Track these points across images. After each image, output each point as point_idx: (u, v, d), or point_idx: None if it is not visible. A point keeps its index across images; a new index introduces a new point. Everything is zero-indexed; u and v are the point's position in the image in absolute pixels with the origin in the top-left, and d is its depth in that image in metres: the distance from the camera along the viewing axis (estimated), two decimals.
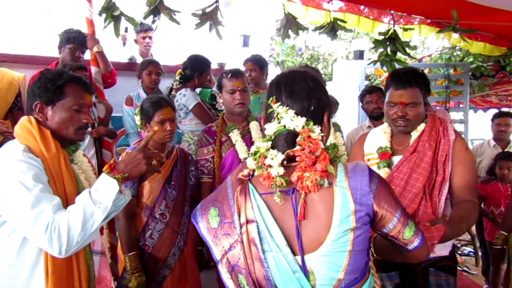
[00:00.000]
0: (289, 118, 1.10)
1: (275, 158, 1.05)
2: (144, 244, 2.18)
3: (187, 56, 3.45)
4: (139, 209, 2.20)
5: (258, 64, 3.62)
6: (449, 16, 3.23)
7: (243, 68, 3.61)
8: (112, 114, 3.23)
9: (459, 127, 4.94)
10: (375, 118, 3.25)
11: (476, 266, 4.54)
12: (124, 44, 4.40)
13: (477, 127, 8.31)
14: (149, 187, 2.19)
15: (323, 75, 6.47)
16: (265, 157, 1.07)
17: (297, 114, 1.11)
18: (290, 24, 3.13)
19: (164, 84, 3.59)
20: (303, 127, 1.08)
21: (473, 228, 4.34)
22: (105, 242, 1.85)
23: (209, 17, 2.95)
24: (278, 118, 1.12)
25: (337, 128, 2.41)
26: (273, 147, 1.09)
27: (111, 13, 2.81)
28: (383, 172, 1.83)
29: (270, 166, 1.06)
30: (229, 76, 2.41)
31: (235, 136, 2.39)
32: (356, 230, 1.05)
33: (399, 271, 1.88)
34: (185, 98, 3.26)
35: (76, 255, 1.44)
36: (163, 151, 2.29)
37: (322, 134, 1.11)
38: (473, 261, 4.79)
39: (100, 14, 2.81)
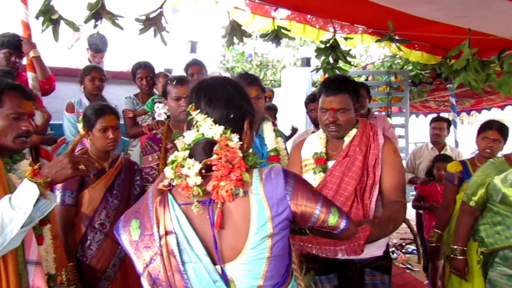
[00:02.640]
0: (207, 126, 1.09)
1: (192, 167, 1.04)
2: (82, 255, 2.10)
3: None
4: (77, 219, 2.12)
5: (200, 66, 3.65)
6: (387, 26, 3.40)
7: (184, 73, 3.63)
8: (53, 122, 3.11)
9: (401, 131, 5.19)
10: (318, 125, 3.35)
11: (418, 263, 4.75)
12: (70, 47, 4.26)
13: (420, 131, 8.76)
14: (88, 196, 2.12)
15: (271, 82, 6.61)
16: (182, 166, 1.05)
17: (216, 122, 1.10)
18: (235, 31, 3.17)
19: (108, 91, 3.50)
20: (221, 136, 1.08)
21: (415, 226, 4.57)
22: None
23: (153, 23, 2.92)
24: (197, 126, 1.12)
25: (279, 133, 2.46)
26: (191, 156, 1.08)
27: (49, 16, 2.72)
28: (319, 177, 1.89)
29: (187, 175, 1.05)
30: (174, 83, 2.39)
31: (181, 143, 2.37)
32: (274, 236, 1.06)
33: (337, 273, 1.94)
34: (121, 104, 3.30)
35: (4, 264, 1.40)
36: (107, 159, 2.24)
37: (241, 142, 1.12)
38: (416, 259, 5.02)
39: (37, 18, 2.71)
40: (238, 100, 1.16)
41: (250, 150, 1.39)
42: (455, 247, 2.42)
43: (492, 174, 2.24)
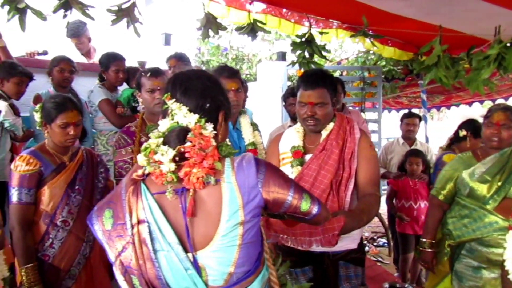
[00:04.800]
0: (182, 115, 1.09)
1: (166, 154, 1.04)
2: (43, 254, 2.02)
3: None
4: (37, 217, 2.03)
5: (181, 61, 3.59)
6: (361, 22, 3.44)
7: (166, 66, 3.56)
8: (21, 114, 2.99)
9: (374, 126, 5.28)
10: (297, 120, 3.36)
11: (389, 256, 4.86)
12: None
13: (392, 126, 8.95)
14: (48, 193, 2.03)
15: (247, 75, 6.59)
16: (155, 153, 1.06)
17: (191, 111, 1.11)
18: (210, 24, 3.13)
19: (79, 83, 3.40)
20: (195, 124, 1.09)
21: (386, 220, 4.67)
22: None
23: (125, 14, 2.84)
24: (172, 115, 1.12)
25: (256, 127, 2.45)
26: (165, 143, 1.08)
27: (15, 5, 2.60)
28: (296, 170, 1.90)
29: (160, 162, 1.05)
30: (148, 75, 2.34)
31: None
32: (245, 223, 1.08)
33: (312, 265, 1.96)
34: (92, 95, 3.18)
35: None
36: (66, 153, 2.15)
37: (215, 132, 1.13)
38: (387, 252, 5.15)
39: (2, 6, 2.59)
40: (213, 92, 1.17)
41: (229, 143, 1.38)
42: (423, 240, 2.48)
43: (460, 169, 2.31)
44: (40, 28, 3.14)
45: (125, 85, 3.53)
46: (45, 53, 3.87)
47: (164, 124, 1.11)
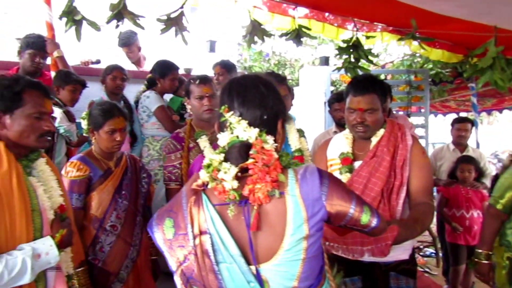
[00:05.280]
0: (241, 129, 1.08)
1: (228, 171, 1.04)
2: (94, 258, 2.08)
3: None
4: (87, 222, 2.10)
5: (226, 68, 3.64)
6: (409, 24, 3.34)
7: (212, 73, 3.63)
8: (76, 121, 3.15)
9: (420, 132, 5.10)
10: (342, 126, 3.31)
11: (437, 266, 4.67)
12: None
13: (438, 131, 8.62)
14: (97, 198, 2.09)
15: (290, 81, 6.58)
16: (218, 170, 1.05)
17: (250, 123, 1.09)
18: (256, 31, 3.16)
19: (130, 90, 3.53)
20: (256, 138, 1.07)
21: (435, 229, 4.49)
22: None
23: (174, 23, 2.93)
24: (230, 128, 1.10)
25: (302, 133, 2.44)
26: (226, 159, 1.08)
27: (72, 17, 2.75)
28: (345, 177, 1.87)
29: (223, 180, 1.04)
30: (197, 82, 2.39)
31: (203, 142, 2.36)
32: (309, 237, 1.06)
33: (361, 275, 1.92)
34: (148, 100, 3.24)
35: None
36: (111, 159, 2.21)
37: (276, 144, 1.11)
38: (434, 262, 4.94)
39: (60, 18, 2.74)
40: (271, 100, 1.15)
41: None
42: (479, 251, 2.35)
43: None
44: (93, 38, 3.29)
45: None
46: (98, 61, 4.07)
47: (224, 138, 1.09)
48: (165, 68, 3.40)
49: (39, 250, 1.42)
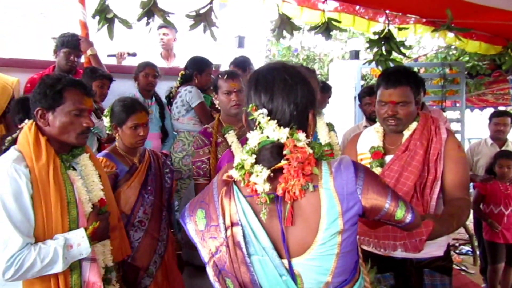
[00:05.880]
0: (271, 129, 1.04)
1: (260, 175, 1.02)
2: None
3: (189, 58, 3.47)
4: None
5: (239, 66, 3.63)
6: (443, 15, 3.22)
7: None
8: None
9: (455, 126, 4.94)
10: (373, 120, 3.24)
11: (474, 265, 4.53)
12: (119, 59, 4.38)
13: (474, 126, 8.31)
14: (125, 194, 2.11)
15: (319, 76, 6.51)
16: (250, 174, 1.03)
17: (279, 120, 1.06)
18: (285, 25, 3.13)
19: (160, 87, 3.59)
20: (287, 138, 1.03)
21: (471, 227, 4.34)
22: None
23: (203, 19, 2.94)
24: (260, 128, 1.05)
25: (331, 127, 2.41)
26: (258, 160, 1.04)
27: (105, 15, 2.81)
28: (376, 172, 1.82)
29: (255, 183, 1.03)
30: (225, 77, 2.40)
31: (231, 137, 2.37)
32: (344, 232, 1.04)
33: (393, 271, 1.87)
34: (190, 95, 3.25)
35: None
36: (135, 155, 2.22)
37: (308, 140, 1.07)
38: (471, 260, 4.79)
39: (93, 17, 2.81)
40: (299, 92, 1.09)
41: None
42: None
43: None
44: (126, 35, 3.35)
45: None
46: (134, 54, 4.09)
47: (254, 138, 1.05)
48: (202, 64, 3.42)
49: (71, 241, 1.47)
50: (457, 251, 5.46)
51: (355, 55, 5.06)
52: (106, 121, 2.23)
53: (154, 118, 3.33)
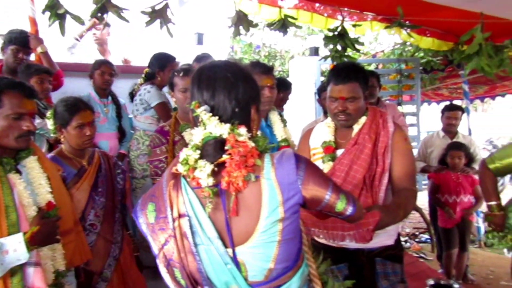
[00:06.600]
0: (213, 125, 1.07)
1: (204, 170, 1.05)
2: None
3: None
4: None
5: (199, 62, 3.62)
6: (397, 13, 3.33)
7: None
8: None
9: (412, 120, 5.11)
10: None
11: (432, 252, 4.71)
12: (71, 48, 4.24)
13: (432, 119, 8.61)
14: (74, 198, 2.04)
15: (280, 72, 6.56)
16: (195, 168, 1.06)
17: (221, 116, 1.09)
18: (242, 21, 3.14)
19: (117, 86, 3.51)
20: (229, 134, 1.06)
21: (428, 215, 4.52)
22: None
23: (158, 15, 2.90)
24: (203, 124, 1.09)
25: (285, 123, 2.44)
26: (202, 155, 1.08)
27: (55, 11, 2.72)
28: (327, 166, 1.86)
29: (199, 178, 1.06)
30: (181, 74, 2.38)
31: (189, 135, 2.36)
32: (284, 220, 1.07)
33: (347, 262, 1.92)
34: (149, 95, 3.21)
35: None
36: (83, 157, 2.16)
37: (250, 134, 1.10)
38: (430, 248, 4.99)
39: (43, 13, 2.71)
40: (241, 88, 1.13)
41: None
42: (491, 203, 2.40)
43: None
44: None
45: None
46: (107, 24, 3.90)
47: (198, 135, 1.09)
48: (163, 60, 3.36)
49: (7, 246, 1.42)
50: (416, 240, 5.68)
51: (315, 51, 5.13)
52: (49, 123, 2.13)
53: (111, 118, 3.25)
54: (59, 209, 1.70)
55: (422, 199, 4.42)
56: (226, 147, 1.06)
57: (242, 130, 1.08)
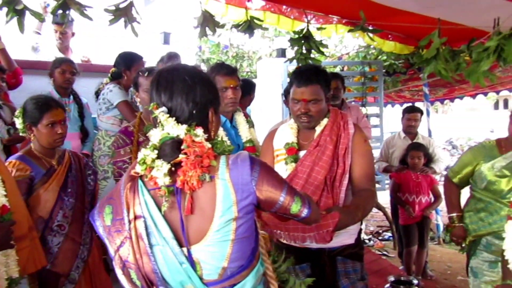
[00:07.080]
0: (170, 126, 1.10)
1: (160, 169, 1.07)
2: None
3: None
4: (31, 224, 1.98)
5: (167, 60, 3.60)
6: (360, 17, 3.42)
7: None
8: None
9: (375, 121, 5.26)
10: None
11: (394, 249, 4.87)
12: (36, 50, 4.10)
13: (396, 120, 8.86)
14: (42, 198, 2.01)
15: (248, 73, 6.58)
16: (152, 168, 1.09)
17: (179, 118, 1.13)
18: (207, 22, 3.13)
19: (80, 85, 3.43)
20: (185, 134, 1.10)
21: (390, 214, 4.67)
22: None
23: (123, 13, 2.85)
24: (161, 125, 1.12)
25: (251, 124, 2.46)
26: (159, 155, 1.10)
27: (13, 7, 2.62)
28: (290, 167, 1.90)
29: (156, 177, 1.08)
30: (145, 74, 2.36)
31: None
32: (238, 219, 1.10)
33: (309, 262, 1.96)
34: (111, 94, 3.16)
35: None
36: (53, 156, 2.13)
37: (206, 135, 1.13)
38: (392, 245, 5.15)
39: (0, 9, 2.61)
40: (199, 91, 1.16)
41: (228, 142, 1.32)
42: (452, 215, 2.48)
43: (479, 158, 2.31)
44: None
45: None
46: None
47: (156, 135, 1.12)
48: (130, 60, 3.31)
49: None
50: (380, 238, 5.84)
51: (282, 53, 5.17)
52: (18, 122, 2.07)
53: (73, 117, 3.18)
54: (14, 214, 1.64)
55: (385, 198, 4.56)
56: (182, 147, 1.08)
57: (199, 131, 1.11)
